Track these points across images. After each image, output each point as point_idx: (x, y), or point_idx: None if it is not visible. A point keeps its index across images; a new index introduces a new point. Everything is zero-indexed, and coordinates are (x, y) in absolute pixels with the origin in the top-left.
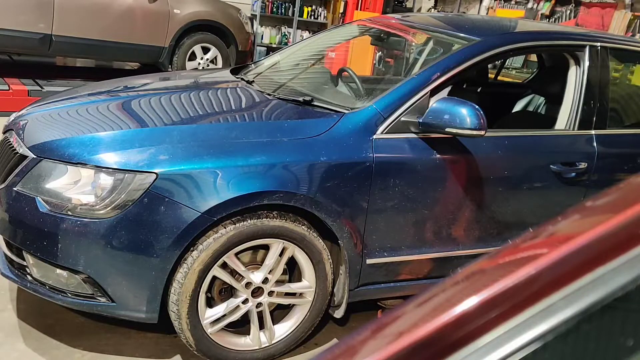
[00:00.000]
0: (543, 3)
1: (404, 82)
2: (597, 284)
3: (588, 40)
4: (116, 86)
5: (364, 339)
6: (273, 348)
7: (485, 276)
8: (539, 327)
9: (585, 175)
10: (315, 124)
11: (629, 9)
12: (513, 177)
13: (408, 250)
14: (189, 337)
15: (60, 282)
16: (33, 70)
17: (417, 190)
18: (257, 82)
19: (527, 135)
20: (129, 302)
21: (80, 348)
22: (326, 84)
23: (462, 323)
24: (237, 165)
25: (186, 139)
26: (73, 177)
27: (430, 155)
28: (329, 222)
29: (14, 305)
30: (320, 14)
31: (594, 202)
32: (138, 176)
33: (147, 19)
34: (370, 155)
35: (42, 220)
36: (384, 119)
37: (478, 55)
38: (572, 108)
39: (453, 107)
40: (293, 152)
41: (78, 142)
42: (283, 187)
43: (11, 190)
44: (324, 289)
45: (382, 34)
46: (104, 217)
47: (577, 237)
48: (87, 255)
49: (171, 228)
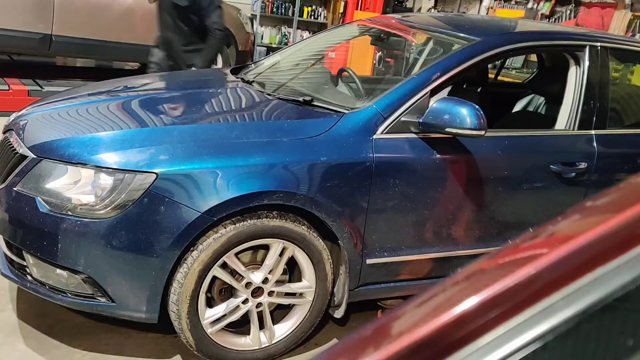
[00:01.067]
0: (543, 3)
1: (404, 82)
2: (597, 284)
3: (588, 40)
4: (116, 86)
5: (364, 339)
6: (273, 348)
7: (485, 276)
8: (539, 327)
9: (585, 175)
10: (315, 123)
11: (629, 9)
12: (513, 177)
13: (408, 251)
14: (189, 337)
15: (60, 282)
16: (33, 70)
17: (417, 190)
18: (257, 82)
19: (527, 135)
20: (129, 302)
21: (80, 348)
22: (326, 84)
23: (462, 323)
24: (237, 165)
25: (186, 138)
26: (73, 177)
27: (430, 155)
28: (329, 222)
29: (14, 305)
30: (320, 14)
31: (594, 202)
32: (138, 176)
33: (146, 18)
34: (370, 155)
35: (42, 220)
36: (384, 119)
37: (478, 55)
38: (572, 108)
39: (453, 107)
40: (293, 152)
41: (78, 142)
42: (283, 187)
43: (11, 190)
44: (324, 289)
45: (382, 34)
46: (104, 217)
47: (577, 237)
48: (87, 255)
49: (171, 228)
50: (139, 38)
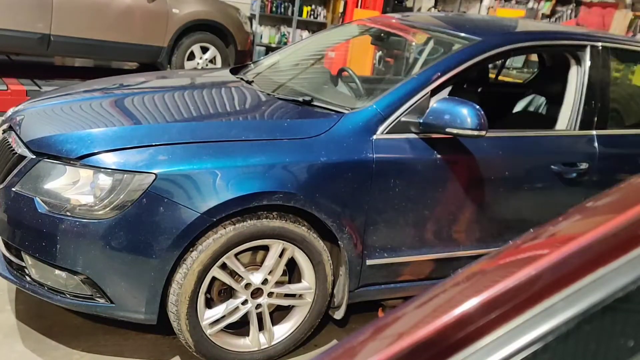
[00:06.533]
0: (543, 3)
1: (405, 82)
2: (598, 284)
3: (589, 40)
4: (113, 84)
5: (364, 340)
6: (272, 349)
7: (485, 277)
8: (540, 328)
9: (586, 176)
10: (315, 123)
11: (630, 8)
12: (514, 178)
13: (408, 251)
14: (188, 338)
15: (59, 283)
16: (31, 70)
17: (418, 191)
18: (257, 82)
19: (528, 135)
20: (128, 303)
21: (78, 349)
22: (326, 83)
23: (462, 324)
24: (237, 166)
25: (185, 136)
26: (72, 178)
27: (430, 155)
28: (329, 222)
29: (13, 306)
30: (319, 14)
31: (594, 203)
32: (137, 176)
33: (145, 18)
34: (370, 156)
35: (41, 220)
36: (384, 119)
37: (479, 55)
38: (573, 108)
39: (454, 107)
40: (293, 152)
41: (76, 138)
42: (283, 187)
43: (10, 190)
44: (324, 290)
45: (382, 33)
46: (102, 217)
47: (577, 238)
48: (85, 256)
49: (170, 229)
50: (137, 38)
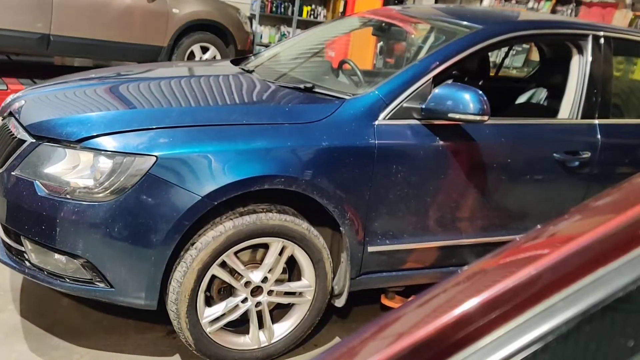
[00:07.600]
0: (543, 3)
1: (407, 68)
2: (598, 284)
3: (591, 30)
4: (110, 73)
5: (365, 339)
6: (272, 347)
7: (486, 277)
8: (540, 328)
9: (588, 164)
10: (316, 109)
11: (630, 8)
12: (516, 165)
13: (410, 238)
14: (188, 337)
15: (58, 267)
16: (31, 70)
17: (420, 177)
18: (258, 71)
19: (531, 123)
20: (128, 287)
21: (79, 349)
22: (327, 74)
23: (462, 324)
24: (238, 149)
25: (186, 120)
26: (72, 161)
27: (433, 141)
28: (331, 208)
29: (14, 306)
30: (319, 13)
31: (594, 203)
32: (137, 159)
33: (145, 18)
34: (372, 141)
35: (41, 204)
36: (386, 105)
37: (480, 43)
38: (575, 97)
39: (456, 92)
40: (294, 137)
41: (76, 122)
42: (284, 171)
43: (10, 174)
44: (324, 288)
45: (384, 24)
46: (102, 200)
47: (578, 237)
48: (85, 239)
49: (171, 212)
50: (137, 38)
